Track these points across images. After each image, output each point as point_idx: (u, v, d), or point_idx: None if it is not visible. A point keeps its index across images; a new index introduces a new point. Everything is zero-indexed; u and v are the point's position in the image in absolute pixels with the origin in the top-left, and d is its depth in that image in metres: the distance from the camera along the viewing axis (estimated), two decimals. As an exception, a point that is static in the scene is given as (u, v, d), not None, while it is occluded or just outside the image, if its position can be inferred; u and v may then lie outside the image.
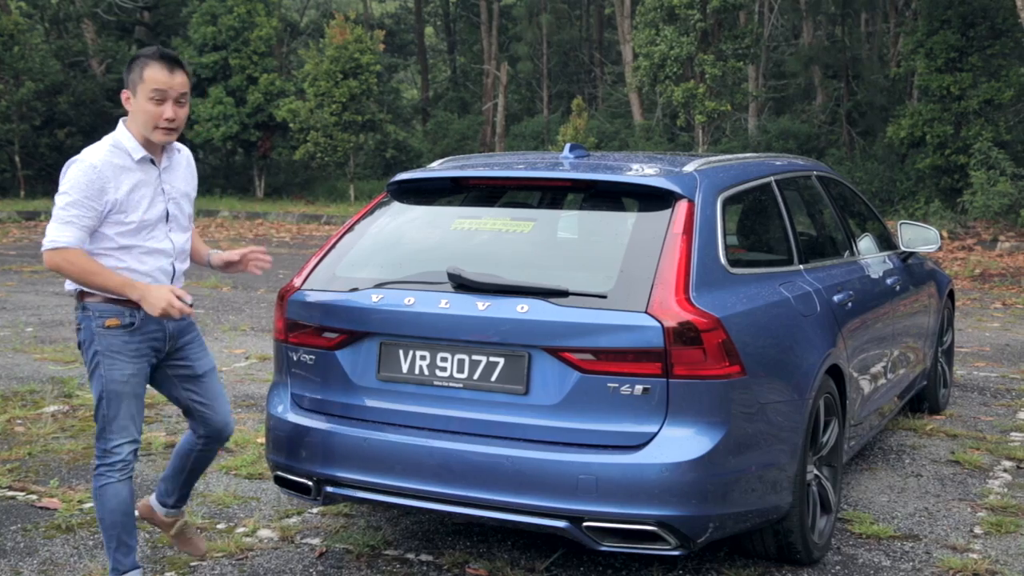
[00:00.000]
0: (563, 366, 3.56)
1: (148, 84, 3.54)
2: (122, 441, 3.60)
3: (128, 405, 3.61)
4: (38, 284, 12.28)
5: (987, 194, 16.47)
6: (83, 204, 3.48)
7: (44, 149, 25.65)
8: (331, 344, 3.94)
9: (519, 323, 3.61)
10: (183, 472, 3.96)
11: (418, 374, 3.78)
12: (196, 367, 3.80)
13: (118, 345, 3.57)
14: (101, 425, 3.61)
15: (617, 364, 3.50)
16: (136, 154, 3.58)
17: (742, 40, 19.91)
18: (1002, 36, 18.46)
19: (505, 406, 3.64)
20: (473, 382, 3.69)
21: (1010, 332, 9.80)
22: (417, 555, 4.25)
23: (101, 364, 3.58)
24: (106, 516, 3.63)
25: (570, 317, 3.56)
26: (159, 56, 3.57)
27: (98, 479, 3.62)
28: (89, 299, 3.59)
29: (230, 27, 25.13)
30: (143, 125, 3.57)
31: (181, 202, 3.74)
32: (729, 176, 4.26)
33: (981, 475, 5.34)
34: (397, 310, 3.81)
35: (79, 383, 7.07)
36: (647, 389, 3.47)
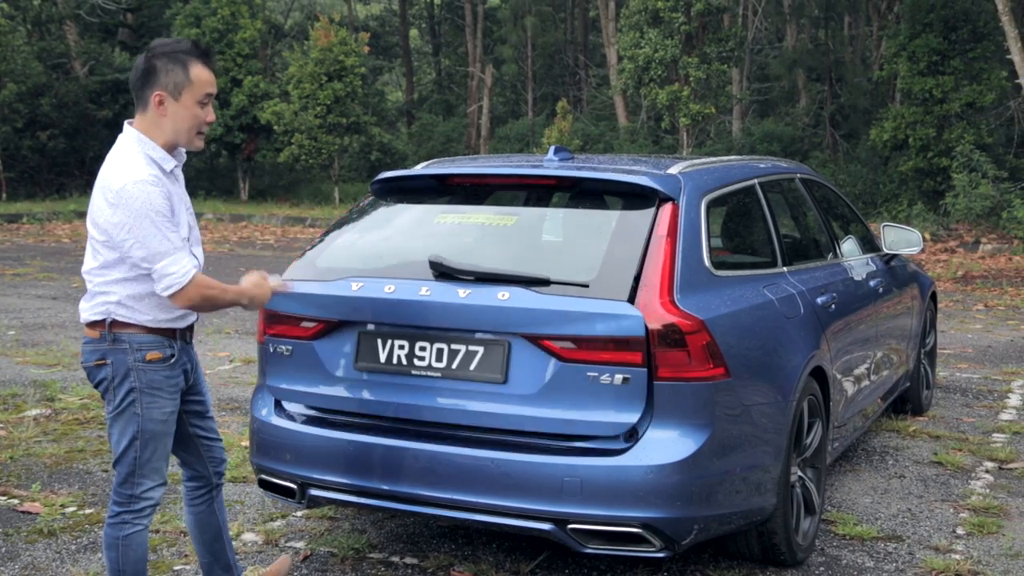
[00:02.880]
0: (542, 355, 3.54)
1: (199, 87, 3.18)
2: (153, 484, 3.27)
3: (164, 446, 3.29)
4: (20, 287, 12.21)
5: (969, 196, 16.56)
6: (173, 227, 3.12)
7: (26, 151, 25.49)
8: (309, 334, 3.91)
9: (499, 310, 3.59)
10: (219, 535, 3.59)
11: (396, 364, 3.75)
12: (205, 401, 3.50)
13: (159, 381, 3.22)
14: (129, 470, 3.23)
15: (597, 353, 3.49)
16: (167, 165, 3.21)
17: (726, 43, 19.98)
18: (984, 39, 18.57)
19: (483, 395, 3.62)
20: (451, 371, 3.67)
21: (992, 334, 9.85)
22: (402, 558, 4.24)
23: (138, 402, 3.19)
24: (128, 567, 3.26)
25: (551, 305, 3.55)
26: (201, 53, 3.21)
27: (121, 528, 3.24)
28: (125, 330, 3.18)
29: (214, 29, 25.05)
30: (185, 131, 3.20)
31: (193, 213, 3.40)
32: (713, 179, 4.28)
33: (963, 476, 5.37)
34: (377, 298, 3.78)
35: (61, 387, 7.03)
36: (627, 379, 3.46)
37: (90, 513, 4.71)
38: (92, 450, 5.64)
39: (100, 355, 3.21)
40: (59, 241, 18.10)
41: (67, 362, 7.88)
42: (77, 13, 28.03)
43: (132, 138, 3.20)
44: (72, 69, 27.12)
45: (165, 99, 3.17)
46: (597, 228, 3.94)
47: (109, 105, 26.35)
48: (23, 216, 21.34)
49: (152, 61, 3.17)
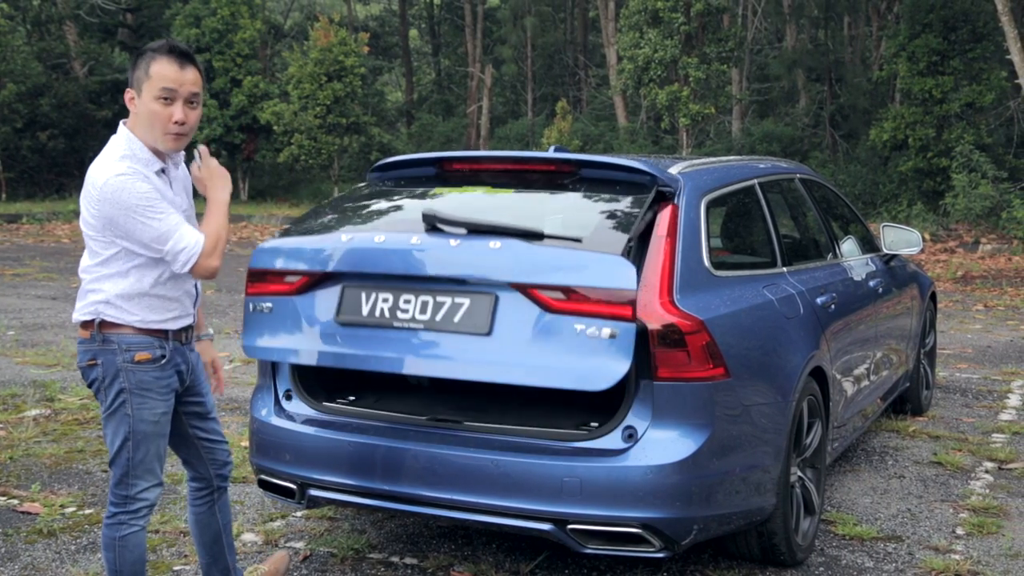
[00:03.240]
0: (529, 306, 3.45)
1: (156, 82, 3.11)
2: (148, 485, 3.24)
3: (157, 446, 3.24)
4: (20, 287, 12.21)
5: (969, 197, 16.58)
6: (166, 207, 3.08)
7: (26, 151, 25.51)
8: (291, 289, 3.81)
9: (490, 258, 3.51)
10: (218, 537, 3.57)
11: (379, 316, 3.66)
12: (205, 403, 3.46)
13: (149, 382, 3.19)
14: (123, 470, 3.21)
15: (586, 305, 3.39)
16: (152, 166, 3.17)
17: (726, 43, 19.99)
18: (983, 40, 18.59)
19: (466, 347, 3.53)
20: (435, 323, 3.56)
21: (992, 334, 9.86)
22: (402, 558, 4.24)
23: (128, 403, 3.17)
24: (126, 568, 3.24)
25: (543, 254, 3.50)
26: (168, 50, 3.14)
27: (118, 528, 3.23)
28: (113, 330, 3.17)
29: (213, 29, 25.06)
30: (150, 130, 3.14)
31: (190, 215, 3.34)
32: (713, 179, 4.28)
33: (963, 476, 5.37)
34: (365, 247, 3.71)
35: (61, 387, 7.04)
36: (614, 334, 3.35)
37: (90, 513, 4.71)
38: (92, 450, 5.64)
39: (91, 355, 3.20)
40: (59, 241, 18.10)
41: (67, 362, 7.89)
42: (77, 13, 28.04)
43: (121, 136, 3.20)
44: (72, 69, 27.14)
45: (134, 96, 3.17)
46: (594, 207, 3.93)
47: (109, 105, 26.36)
48: (23, 216, 21.35)
49: (134, 60, 3.20)
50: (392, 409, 4.02)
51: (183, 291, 3.29)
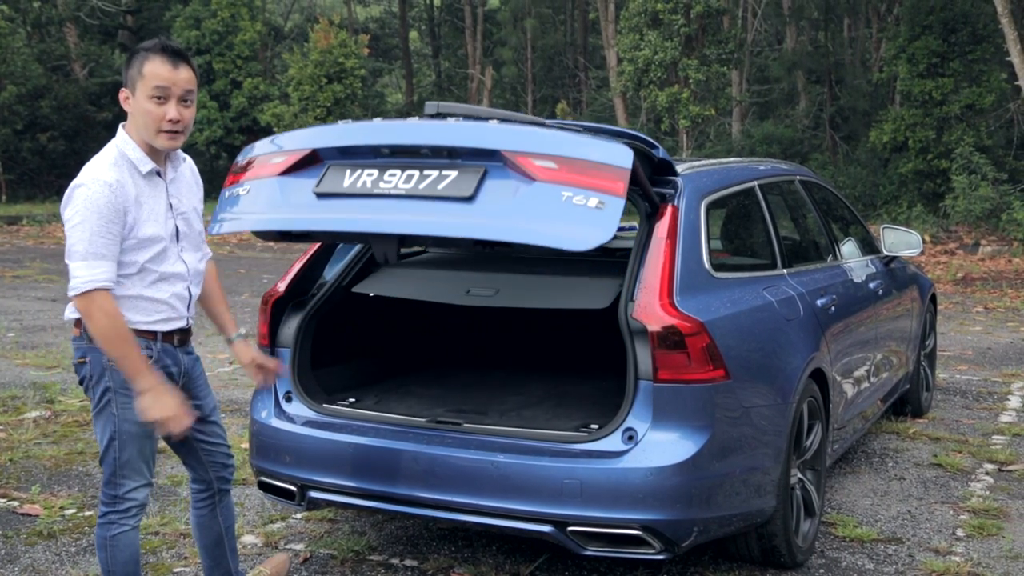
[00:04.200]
0: (518, 177, 3.31)
1: (149, 81, 3.10)
2: (136, 485, 3.22)
3: (143, 446, 3.22)
4: (20, 289, 12.21)
5: (969, 198, 16.58)
6: (107, 231, 3.02)
7: (26, 153, 25.53)
8: (275, 172, 3.61)
9: (487, 131, 3.41)
10: (220, 540, 3.55)
11: (359, 187, 3.44)
12: (204, 406, 3.42)
13: None
14: (111, 470, 3.19)
15: (577, 176, 3.27)
16: (143, 167, 3.15)
17: (726, 45, 20.00)
18: (983, 42, 18.59)
19: (448, 211, 3.33)
20: (417, 191, 3.36)
21: (992, 335, 9.85)
22: (402, 560, 4.24)
23: (113, 403, 3.15)
24: (118, 568, 3.23)
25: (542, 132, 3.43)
26: (161, 48, 3.13)
27: (108, 528, 3.22)
28: None
29: (214, 31, 25.08)
30: (144, 129, 3.14)
31: (190, 218, 3.31)
32: (713, 181, 4.28)
33: (963, 478, 5.37)
34: (359, 127, 3.60)
35: (61, 388, 7.03)
36: (601, 204, 3.22)
37: (90, 515, 4.70)
38: (92, 452, 5.64)
39: (81, 353, 3.19)
40: (59, 243, 18.10)
41: (67, 364, 7.88)
42: (77, 15, 28.06)
43: (118, 139, 3.20)
44: (72, 71, 27.16)
45: (129, 96, 3.18)
46: None
47: (109, 107, 26.36)
48: (23, 218, 21.35)
49: (128, 59, 3.19)
50: (392, 411, 4.03)
51: (172, 294, 3.25)
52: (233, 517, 3.61)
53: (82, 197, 3.04)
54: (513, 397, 4.42)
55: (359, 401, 4.17)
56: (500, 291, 4.14)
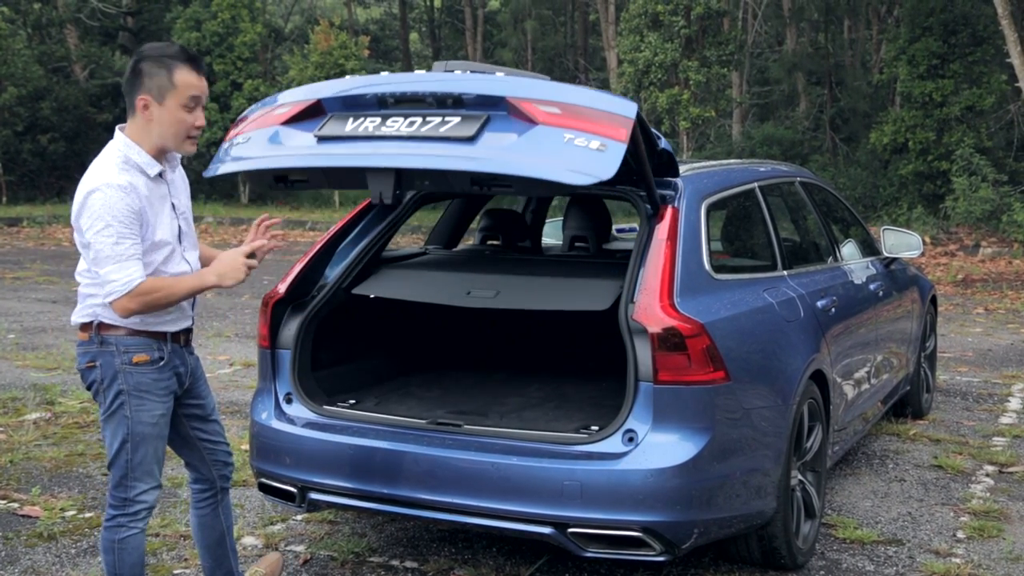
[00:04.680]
0: (520, 122, 3.31)
1: (183, 90, 3.14)
2: (147, 487, 3.24)
3: (156, 448, 3.25)
4: (20, 290, 12.21)
5: (969, 200, 16.57)
6: (130, 233, 3.07)
7: (27, 155, 25.52)
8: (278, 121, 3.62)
9: (493, 80, 3.43)
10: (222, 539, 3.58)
11: (361, 131, 3.44)
12: (206, 405, 3.46)
13: (147, 383, 3.19)
14: (121, 472, 3.21)
15: (580, 121, 3.27)
16: (152, 170, 3.17)
17: (726, 47, 20.00)
18: (983, 43, 18.59)
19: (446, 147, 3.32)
20: (419, 133, 3.37)
21: (992, 337, 9.85)
22: (402, 562, 4.24)
23: (126, 405, 3.17)
24: (125, 572, 3.24)
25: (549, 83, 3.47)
26: (188, 58, 3.18)
27: (117, 531, 3.23)
28: (110, 332, 3.18)
29: (214, 33, 25.07)
30: (172, 136, 3.17)
31: (189, 217, 3.37)
32: (713, 182, 4.28)
33: (964, 480, 5.37)
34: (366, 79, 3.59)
35: (61, 390, 7.03)
36: (603, 146, 3.21)
37: (90, 517, 4.70)
38: (92, 454, 5.64)
39: (90, 357, 3.21)
40: (59, 245, 18.11)
41: (67, 366, 7.88)
42: (77, 17, 28.06)
43: (118, 142, 3.20)
44: (72, 73, 27.16)
45: (150, 103, 3.16)
46: None
47: (109, 109, 26.38)
48: (23, 220, 21.34)
49: (139, 65, 3.16)
50: (392, 412, 4.03)
51: None
52: (232, 517, 3.62)
53: (99, 203, 3.06)
54: (513, 399, 4.42)
55: (359, 403, 4.17)
56: (500, 293, 4.14)
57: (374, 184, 3.41)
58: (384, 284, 4.36)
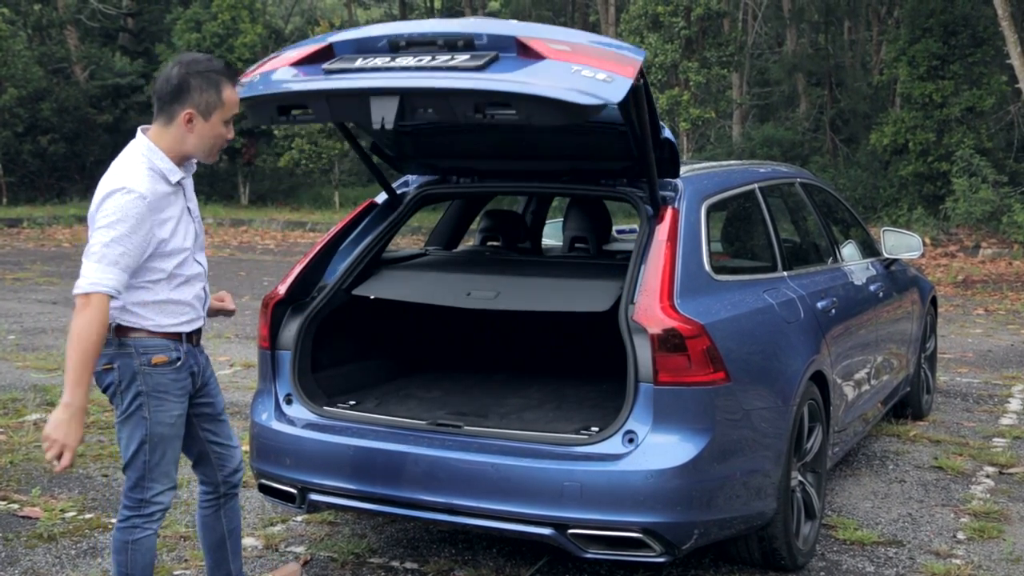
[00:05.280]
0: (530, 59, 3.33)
1: (229, 108, 3.23)
2: (163, 488, 3.27)
3: (173, 449, 3.28)
4: (20, 291, 12.21)
5: (969, 201, 16.57)
6: (131, 242, 3.06)
7: (27, 156, 25.52)
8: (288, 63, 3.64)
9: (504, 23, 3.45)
10: (223, 542, 3.59)
11: (370, 66, 3.47)
12: (216, 405, 3.48)
13: (166, 384, 3.22)
14: (139, 474, 3.23)
15: (589, 58, 3.29)
16: (173, 176, 3.21)
17: (726, 48, 20.00)
18: (983, 44, 18.59)
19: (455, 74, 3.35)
20: (427, 64, 3.40)
21: (992, 338, 9.85)
22: (402, 563, 4.24)
23: (145, 406, 3.19)
24: (136, 572, 3.26)
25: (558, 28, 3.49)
26: (233, 75, 3.28)
27: (131, 532, 3.25)
28: (130, 335, 3.20)
29: (214, 34, 25.07)
30: (207, 148, 3.24)
31: (199, 219, 3.41)
32: (713, 183, 4.28)
33: (964, 481, 5.37)
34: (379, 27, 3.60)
35: (61, 391, 7.01)
36: (610, 78, 3.23)
37: (90, 518, 4.70)
38: (92, 455, 5.64)
39: (107, 360, 3.20)
40: (59, 245, 18.11)
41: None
42: (78, 18, 28.06)
43: (142, 146, 3.21)
44: (73, 74, 27.15)
45: (195, 117, 3.19)
46: None
47: (109, 110, 26.36)
48: (23, 220, 21.34)
49: (187, 79, 3.18)
50: (393, 413, 4.03)
51: (194, 295, 3.33)
52: (239, 520, 3.62)
53: (116, 204, 3.07)
54: (513, 400, 4.42)
55: (359, 404, 4.17)
56: (501, 294, 4.14)
57: (377, 109, 3.39)
58: (384, 285, 4.37)
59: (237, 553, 3.63)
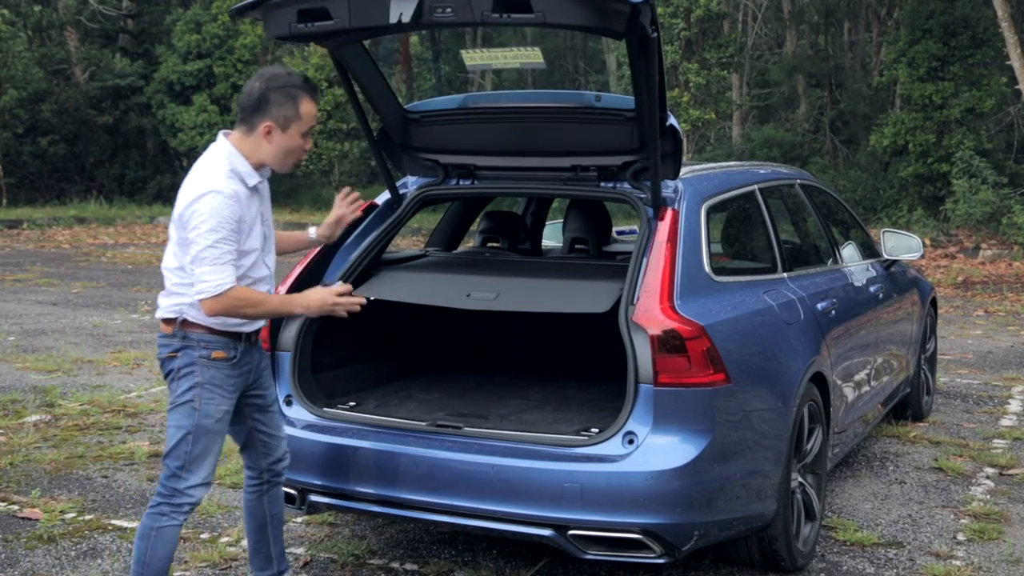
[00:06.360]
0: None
1: (306, 121, 3.39)
2: (198, 482, 3.39)
3: (216, 444, 3.41)
4: (20, 292, 12.21)
5: (969, 202, 16.57)
6: (231, 240, 3.27)
7: (27, 157, 25.52)
8: None
9: None
10: (264, 526, 3.73)
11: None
12: (267, 397, 3.63)
13: (220, 379, 3.37)
14: (179, 463, 3.35)
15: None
16: (251, 180, 3.38)
17: (726, 49, 20.01)
18: (983, 45, 18.60)
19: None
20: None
21: (992, 339, 9.85)
22: (402, 564, 4.24)
23: (198, 398, 3.34)
24: (153, 561, 3.36)
25: None
26: (311, 88, 3.42)
27: (158, 518, 3.36)
28: (193, 329, 3.36)
29: (214, 35, 25.09)
30: (283, 158, 3.40)
31: (271, 225, 3.57)
32: (713, 185, 4.28)
33: (964, 482, 5.37)
34: None
35: (61, 392, 7.03)
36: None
37: (90, 519, 4.70)
38: (92, 456, 5.64)
39: (172, 349, 3.38)
40: (59, 247, 18.11)
41: (67, 368, 7.88)
42: (78, 19, 28.06)
43: (224, 151, 3.38)
44: (73, 75, 27.15)
45: (273, 130, 3.36)
46: None
47: (109, 111, 26.36)
48: (23, 222, 21.33)
49: (267, 93, 3.35)
50: (393, 415, 4.03)
51: None
52: (281, 507, 3.77)
53: (209, 206, 3.24)
54: (513, 401, 4.42)
55: (359, 405, 4.17)
56: (501, 295, 4.14)
57: (396, 6, 3.41)
58: (384, 286, 4.36)
59: (278, 538, 3.77)
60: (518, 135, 4.32)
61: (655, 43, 3.37)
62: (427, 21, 3.42)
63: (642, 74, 3.55)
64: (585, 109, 4.08)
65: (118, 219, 22.55)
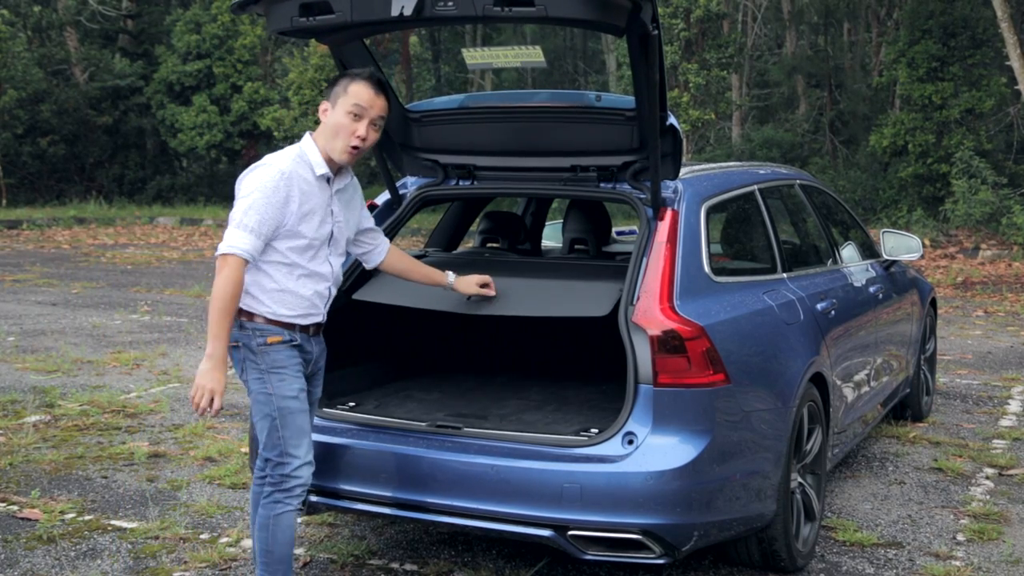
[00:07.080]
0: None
1: (351, 98, 3.45)
2: (301, 462, 3.44)
3: (303, 421, 3.47)
4: (20, 293, 12.21)
5: (969, 203, 16.58)
6: (266, 211, 3.33)
7: (26, 158, 25.54)
8: None
9: None
10: None
11: None
12: (312, 394, 3.67)
13: (282, 360, 3.44)
14: (278, 449, 3.43)
15: None
16: (318, 170, 3.47)
17: (726, 49, 20.01)
18: (983, 46, 18.61)
19: None
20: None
21: (992, 340, 9.85)
22: (402, 564, 4.24)
23: (268, 383, 3.42)
24: (277, 549, 3.44)
25: None
26: (368, 75, 3.51)
27: (274, 507, 3.44)
28: (248, 318, 3.43)
29: (214, 35, 25.10)
30: (331, 138, 3.47)
31: (343, 227, 3.61)
32: (713, 185, 4.28)
33: (964, 482, 5.37)
34: None
35: (60, 393, 7.03)
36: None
37: (89, 520, 4.70)
38: (91, 456, 5.64)
39: (234, 338, 3.43)
40: (59, 247, 18.11)
41: (67, 368, 7.88)
42: (77, 19, 28.06)
43: (302, 142, 3.54)
44: (72, 75, 27.16)
45: (328, 109, 3.50)
46: None
47: (109, 111, 26.37)
48: (23, 222, 21.34)
49: (335, 79, 3.53)
50: (392, 415, 4.03)
51: (314, 292, 3.51)
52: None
53: (256, 177, 3.38)
54: (513, 401, 4.42)
55: (359, 405, 4.17)
56: (500, 299, 4.14)
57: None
58: (383, 290, 4.35)
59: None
60: (518, 135, 4.32)
61: (656, 40, 3.36)
62: (429, 15, 3.40)
63: (642, 72, 3.55)
64: (585, 109, 4.08)
65: (118, 219, 22.55)
